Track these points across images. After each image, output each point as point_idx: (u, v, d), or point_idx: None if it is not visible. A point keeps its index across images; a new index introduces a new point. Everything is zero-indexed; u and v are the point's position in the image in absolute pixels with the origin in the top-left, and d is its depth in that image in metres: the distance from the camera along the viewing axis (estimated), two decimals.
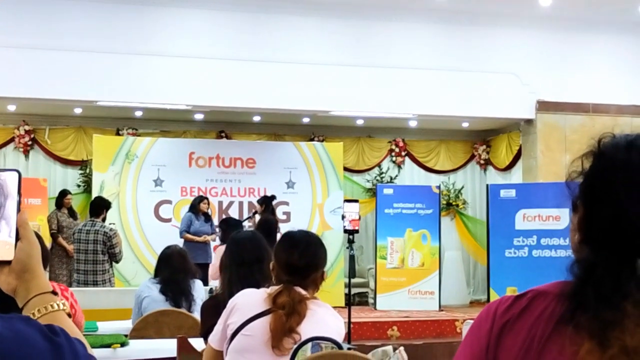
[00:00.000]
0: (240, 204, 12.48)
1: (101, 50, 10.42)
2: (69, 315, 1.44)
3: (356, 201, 9.57)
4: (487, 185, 11.60)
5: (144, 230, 11.91)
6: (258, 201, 10.96)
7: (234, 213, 12.35)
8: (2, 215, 1.37)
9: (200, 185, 12.29)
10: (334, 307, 10.58)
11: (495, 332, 1.38)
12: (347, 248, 9.17)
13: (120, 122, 13.04)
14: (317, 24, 11.33)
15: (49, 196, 12.02)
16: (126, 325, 5.55)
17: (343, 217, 9.28)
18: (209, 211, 11.29)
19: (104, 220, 9.18)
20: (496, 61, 11.81)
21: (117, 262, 9.38)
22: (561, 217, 10.53)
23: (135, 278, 11.27)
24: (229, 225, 8.66)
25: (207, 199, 11.02)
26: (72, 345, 1.22)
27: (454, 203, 14.02)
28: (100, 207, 9.19)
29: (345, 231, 9.20)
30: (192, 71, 10.75)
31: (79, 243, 8.96)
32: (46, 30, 10.32)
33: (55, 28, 10.37)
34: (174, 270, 5.58)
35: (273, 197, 10.97)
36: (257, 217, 10.75)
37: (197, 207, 10.76)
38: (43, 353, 1.16)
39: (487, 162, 14.30)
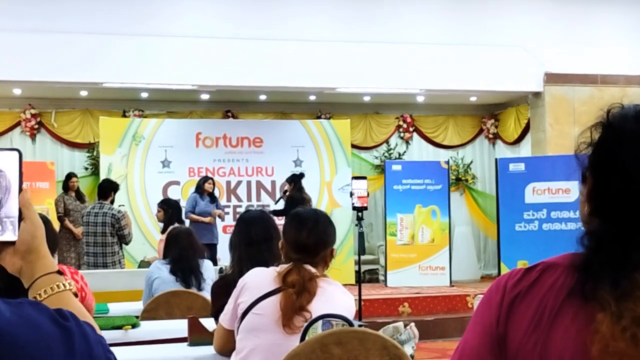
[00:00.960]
0: (248, 183, 12.47)
1: (106, 32, 10.39)
2: (75, 294, 1.42)
3: (364, 178, 9.53)
4: (496, 159, 11.55)
5: (153, 211, 11.89)
6: (287, 179, 10.95)
7: (242, 193, 12.37)
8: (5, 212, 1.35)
9: (207, 165, 12.28)
10: (345, 285, 10.59)
11: (506, 305, 1.37)
12: (356, 225, 9.15)
13: (127, 103, 13.02)
14: (322, 0, 11.26)
15: (57, 179, 12.03)
16: (137, 307, 5.55)
17: (351, 194, 9.26)
18: (217, 192, 11.28)
19: (112, 202, 9.18)
20: (503, 34, 11.72)
21: (126, 243, 9.39)
22: (571, 190, 10.48)
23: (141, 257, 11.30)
24: (170, 206, 8.67)
25: (212, 179, 10.98)
26: (82, 330, 1.21)
27: (463, 178, 13.98)
28: (108, 189, 9.19)
29: (354, 208, 9.17)
30: (198, 51, 10.71)
31: (87, 226, 8.98)
32: (50, 13, 10.28)
33: (59, 10, 10.33)
34: (182, 249, 5.60)
35: (302, 175, 10.98)
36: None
37: (202, 187, 10.71)
38: (53, 338, 1.15)
39: (496, 136, 14.25)
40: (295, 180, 10.85)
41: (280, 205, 10.98)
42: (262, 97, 13.17)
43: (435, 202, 11.93)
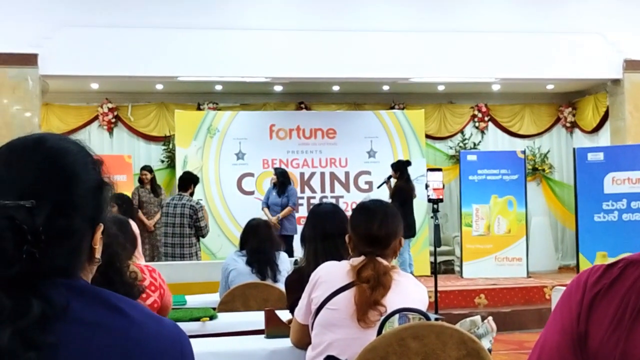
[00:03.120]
0: (322, 174, 12.48)
1: (180, 26, 10.50)
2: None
3: (440, 170, 9.44)
4: (574, 149, 11.33)
5: (228, 203, 12.04)
6: (392, 166, 10.92)
7: (315, 184, 12.40)
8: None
9: (281, 157, 12.33)
10: (420, 276, 10.53)
11: (586, 303, 1.33)
12: (432, 217, 9.07)
13: (201, 96, 13.16)
14: None
15: (134, 172, 12.23)
16: (213, 299, 5.61)
17: (427, 186, 9.19)
18: (292, 184, 11.30)
19: (191, 194, 9.25)
20: (581, 21, 11.47)
21: (202, 236, 9.42)
22: None
23: (221, 251, 11.42)
24: (124, 201, 8.61)
25: (275, 170, 11.04)
26: None
27: (539, 168, 13.77)
28: (188, 181, 9.26)
29: (430, 200, 9.09)
30: (271, 43, 10.74)
31: (166, 217, 9.09)
32: (126, 9, 10.44)
33: (134, 6, 10.49)
34: (260, 240, 5.63)
35: (409, 163, 10.92)
36: (392, 182, 10.76)
37: (272, 180, 10.86)
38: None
39: (573, 125, 13.97)
40: (402, 168, 10.75)
41: (375, 194, 10.91)
42: (335, 88, 13.17)
43: (511, 192, 11.79)
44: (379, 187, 11.28)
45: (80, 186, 1.32)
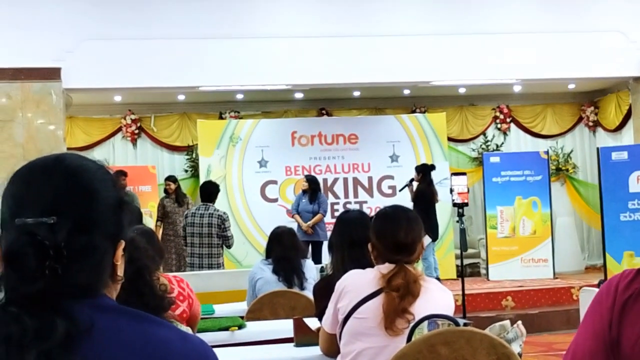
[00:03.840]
0: (345, 180, 12.49)
1: (200, 36, 10.55)
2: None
3: (464, 174, 9.43)
4: (598, 148, 11.25)
5: (252, 211, 12.07)
6: (416, 168, 10.92)
7: (339, 190, 12.40)
8: None
9: (304, 163, 12.35)
10: (446, 280, 10.50)
11: (618, 308, 1.33)
12: (457, 222, 9.04)
13: (223, 105, 13.22)
14: None
15: (158, 183, 12.30)
16: (241, 307, 5.63)
17: (451, 190, 9.17)
18: (322, 192, 11.34)
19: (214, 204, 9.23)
20: (600, 19, 11.40)
21: (229, 246, 9.32)
22: None
23: (246, 259, 11.45)
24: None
25: (307, 176, 11.08)
26: None
27: (563, 168, 13.69)
28: (211, 191, 9.22)
29: (455, 205, 9.07)
30: (290, 51, 10.77)
31: (192, 227, 8.96)
32: (146, 21, 10.50)
33: (155, 18, 10.54)
34: (284, 248, 5.64)
35: (433, 167, 10.93)
36: (415, 185, 10.77)
37: (302, 187, 10.89)
38: None
39: (596, 124, 13.89)
40: (425, 171, 10.75)
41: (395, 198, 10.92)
42: (356, 94, 13.18)
43: (535, 193, 11.74)
44: (401, 190, 11.28)
45: (100, 203, 1.33)
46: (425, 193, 10.48)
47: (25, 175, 1.33)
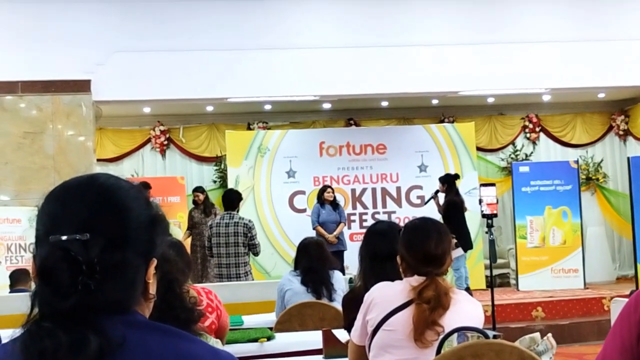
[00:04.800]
0: (373, 190, 12.47)
1: (228, 47, 10.60)
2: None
3: (493, 185, 9.35)
4: (629, 158, 11.14)
5: (280, 221, 12.08)
6: (440, 179, 10.89)
7: (367, 200, 12.39)
8: None
9: (332, 174, 12.35)
10: (475, 290, 10.41)
11: None
12: (487, 233, 8.99)
13: (251, 116, 13.25)
14: (440, 4, 11.16)
15: (187, 193, 12.34)
16: (270, 318, 5.64)
17: (480, 201, 9.11)
18: (342, 200, 11.36)
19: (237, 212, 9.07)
20: (630, 27, 11.31)
21: (256, 254, 9.14)
22: None
23: (275, 269, 11.46)
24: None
25: (329, 187, 11.05)
26: None
27: (593, 177, 13.58)
28: (233, 198, 9.02)
29: (484, 216, 9.01)
30: (318, 61, 10.79)
31: (217, 237, 8.77)
32: (175, 33, 10.57)
33: (182, 30, 10.62)
34: (311, 259, 5.63)
35: (457, 176, 10.89)
36: (440, 197, 10.74)
37: (321, 197, 10.85)
38: None
39: (627, 133, 13.77)
40: (450, 181, 10.72)
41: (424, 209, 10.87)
42: (384, 104, 13.16)
43: (565, 202, 11.65)
44: (426, 203, 11.25)
45: (133, 220, 1.35)
46: (455, 204, 10.43)
47: (60, 194, 1.35)
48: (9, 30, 10.24)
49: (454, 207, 10.33)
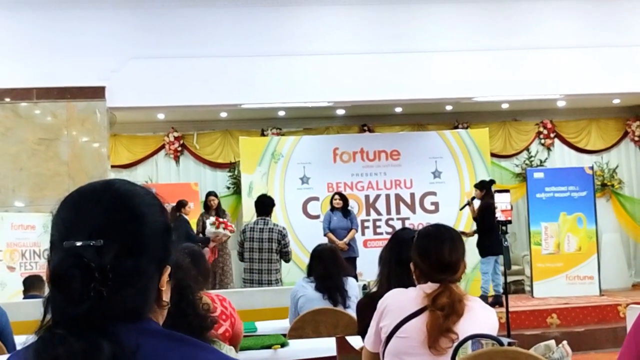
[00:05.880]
0: (387, 196, 12.44)
1: (242, 54, 10.62)
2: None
3: (507, 191, 9.29)
4: None
5: (294, 228, 12.06)
6: (476, 185, 10.87)
7: (380, 206, 12.36)
8: None
9: (345, 180, 12.34)
10: (489, 296, 10.28)
11: None
12: (501, 239, 8.94)
13: (265, 122, 13.27)
14: (454, 10, 11.14)
15: (201, 200, 12.35)
16: (283, 325, 5.63)
17: (495, 207, 9.07)
18: (355, 207, 11.33)
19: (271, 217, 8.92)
20: None
21: (287, 261, 9.01)
22: None
23: (288, 275, 11.42)
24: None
25: (337, 194, 11.04)
26: None
27: (609, 183, 13.52)
28: (267, 203, 8.90)
29: (498, 222, 8.96)
30: (332, 68, 10.79)
31: (251, 242, 8.64)
32: (188, 39, 10.60)
33: (196, 36, 10.64)
34: (326, 266, 5.61)
35: (492, 182, 10.87)
36: (476, 203, 10.71)
37: (331, 204, 10.84)
38: None
39: None
40: (488, 187, 10.71)
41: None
42: (398, 110, 13.15)
43: (580, 209, 11.59)
44: (461, 209, 11.21)
45: (148, 227, 1.34)
46: (489, 206, 10.37)
47: (75, 200, 1.35)
48: (24, 37, 10.29)
49: (487, 210, 10.27)
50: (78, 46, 10.30)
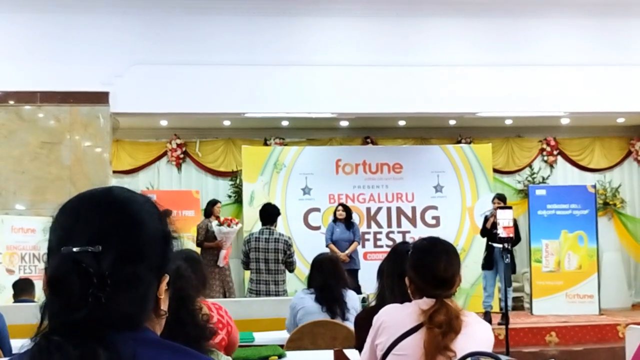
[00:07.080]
0: (389, 209, 12.42)
1: (247, 63, 10.63)
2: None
3: (510, 208, 9.26)
4: None
5: (295, 238, 12.01)
6: (500, 197, 10.82)
7: (382, 219, 12.34)
8: None
9: (347, 192, 12.32)
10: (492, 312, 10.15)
11: None
12: (502, 256, 8.91)
13: (268, 132, 13.25)
14: (459, 24, 11.15)
15: (202, 207, 12.32)
16: (281, 336, 5.60)
17: (496, 225, 9.04)
18: (357, 218, 11.31)
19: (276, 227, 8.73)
20: None
21: (291, 271, 8.81)
22: None
23: (287, 286, 11.35)
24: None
25: (341, 205, 11.01)
26: None
27: (611, 202, 13.48)
28: (274, 214, 8.68)
29: (499, 239, 8.92)
30: (336, 79, 10.79)
31: (256, 252, 8.43)
32: (194, 47, 10.61)
33: (201, 44, 10.65)
34: (325, 277, 5.57)
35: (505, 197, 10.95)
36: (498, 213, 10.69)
37: (334, 215, 10.83)
38: None
39: None
40: (503, 199, 10.72)
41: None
42: (401, 123, 13.13)
43: (582, 227, 11.56)
44: (485, 221, 11.14)
45: (146, 234, 1.34)
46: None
47: (74, 206, 1.34)
48: (28, 41, 10.31)
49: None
50: (82, 51, 10.32)
